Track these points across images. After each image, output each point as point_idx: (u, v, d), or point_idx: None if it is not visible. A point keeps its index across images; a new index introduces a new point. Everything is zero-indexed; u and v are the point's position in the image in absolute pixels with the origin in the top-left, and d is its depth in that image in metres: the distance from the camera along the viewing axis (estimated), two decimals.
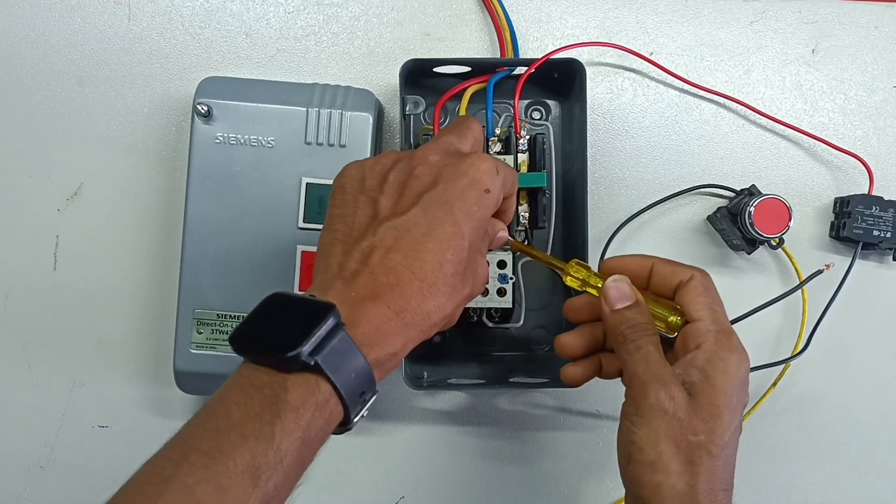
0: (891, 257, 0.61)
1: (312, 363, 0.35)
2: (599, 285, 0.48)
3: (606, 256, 0.60)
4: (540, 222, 0.55)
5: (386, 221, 0.40)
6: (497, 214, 0.46)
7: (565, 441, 0.61)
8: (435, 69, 0.58)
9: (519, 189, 0.54)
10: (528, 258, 0.58)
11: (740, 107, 0.61)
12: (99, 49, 0.61)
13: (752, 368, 0.56)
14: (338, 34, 0.61)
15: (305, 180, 0.55)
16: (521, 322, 0.58)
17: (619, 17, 0.62)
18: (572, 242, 0.58)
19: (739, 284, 0.61)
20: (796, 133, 0.61)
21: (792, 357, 0.58)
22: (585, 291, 0.49)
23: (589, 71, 0.56)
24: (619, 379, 0.62)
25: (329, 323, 0.36)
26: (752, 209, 0.56)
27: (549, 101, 0.60)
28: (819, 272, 0.57)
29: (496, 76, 0.57)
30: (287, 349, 0.35)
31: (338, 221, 0.42)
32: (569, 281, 0.49)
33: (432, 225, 0.40)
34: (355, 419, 0.38)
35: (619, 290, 0.46)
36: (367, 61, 0.61)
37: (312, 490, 0.61)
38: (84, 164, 0.60)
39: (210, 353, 0.55)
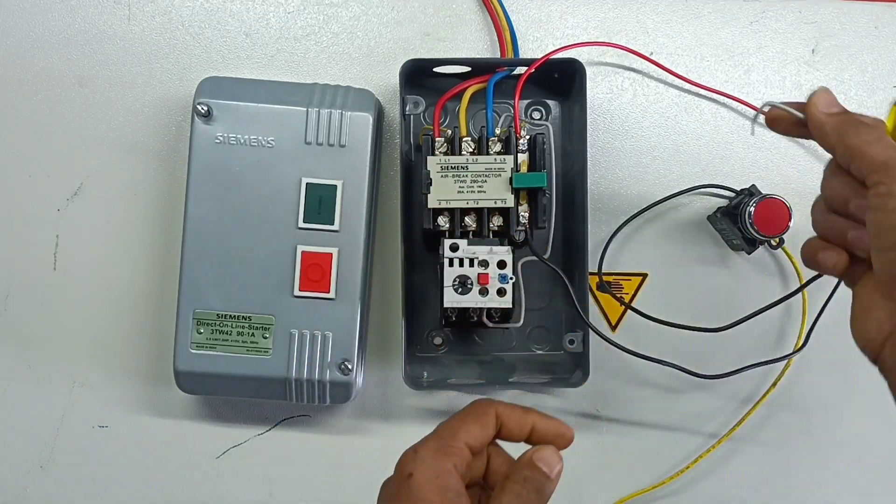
0: None
1: None
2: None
3: (604, 261, 0.60)
4: (540, 222, 0.55)
5: None
6: (509, 436, 0.43)
7: None
8: (435, 69, 0.58)
9: (519, 189, 0.55)
10: (528, 258, 0.58)
11: (740, 106, 0.61)
12: (99, 49, 0.61)
13: (753, 365, 0.57)
14: (338, 34, 0.61)
15: (305, 180, 0.55)
16: (521, 322, 0.58)
17: (619, 17, 0.62)
18: (572, 242, 0.58)
19: (739, 284, 0.61)
20: None
21: (791, 354, 0.58)
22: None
23: (589, 71, 0.56)
24: (616, 384, 0.62)
25: None
26: (752, 209, 0.56)
27: (549, 101, 0.60)
28: (819, 276, 0.57)
29: (496, 76, 0.57)
30: None
31: None
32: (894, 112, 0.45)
33: None
34: None
35: (827, 98, 0.43)
36: (367, 61, 0.61)
37: (312, 491, 0.61)
38: (84, 164, 0.60)
39: (210, 353, 0.55)
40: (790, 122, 0.44)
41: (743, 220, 0.57)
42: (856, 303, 0.42)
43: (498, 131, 0.56)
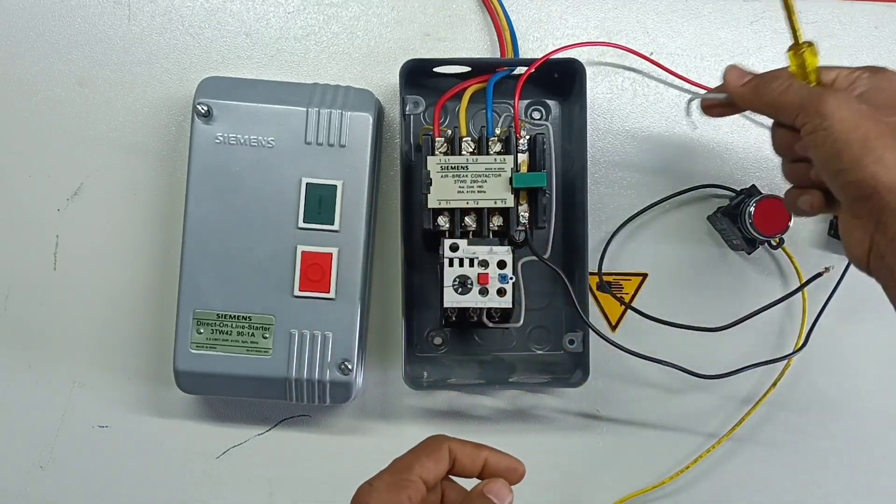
0: None
1: None
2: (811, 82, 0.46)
3: (604, 261, 0.60)
4: (540, 222, 0.55)
5: None
6: (462, 471, 0.44)
7: (565, 441, 0.61)
8: (435, 69, 0.58)
9: (519, 189, 0.55)
10: (528, 258, 0.57)
11: None
12: (99, 49, 0.61)
13: (753, 365, 0.57)
14: (338, 34, 0.61)
15: (305, 180, 0.55)
16: (521, 322, 0.58)
17: (619, 17, 0.62)
18: (572, 242, 0.58)
19: (739, 284, 0.61)
20: None
21: (791, 354, 0.58)
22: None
23: (589, 71, 0.56)
24: (616, 384, 0.62)
25: None
26: (752, 209, 0.56)
27: (549, 101, 0.60)
28: (819, 275, 0.57)
29: (496, 76, 0.57)
30: None
31: None
32: (792, 57, 0.47)
33: None
34: None
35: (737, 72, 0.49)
36: (367, 61, 0.61)
37: (312, 491, 0.61)
38: (84, 164, 0.60)
39: (210, 353, 0.55)
40: (719, 104, 0.50)
41: (743, 220, 0.57)
42: (840, 229, 0.45)
43: (498, 131, 0.56)
